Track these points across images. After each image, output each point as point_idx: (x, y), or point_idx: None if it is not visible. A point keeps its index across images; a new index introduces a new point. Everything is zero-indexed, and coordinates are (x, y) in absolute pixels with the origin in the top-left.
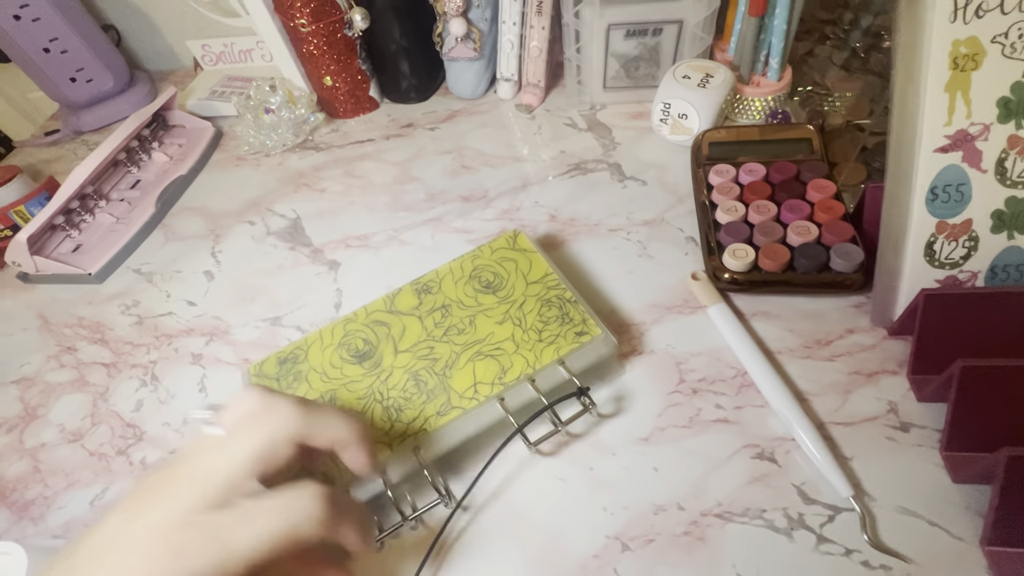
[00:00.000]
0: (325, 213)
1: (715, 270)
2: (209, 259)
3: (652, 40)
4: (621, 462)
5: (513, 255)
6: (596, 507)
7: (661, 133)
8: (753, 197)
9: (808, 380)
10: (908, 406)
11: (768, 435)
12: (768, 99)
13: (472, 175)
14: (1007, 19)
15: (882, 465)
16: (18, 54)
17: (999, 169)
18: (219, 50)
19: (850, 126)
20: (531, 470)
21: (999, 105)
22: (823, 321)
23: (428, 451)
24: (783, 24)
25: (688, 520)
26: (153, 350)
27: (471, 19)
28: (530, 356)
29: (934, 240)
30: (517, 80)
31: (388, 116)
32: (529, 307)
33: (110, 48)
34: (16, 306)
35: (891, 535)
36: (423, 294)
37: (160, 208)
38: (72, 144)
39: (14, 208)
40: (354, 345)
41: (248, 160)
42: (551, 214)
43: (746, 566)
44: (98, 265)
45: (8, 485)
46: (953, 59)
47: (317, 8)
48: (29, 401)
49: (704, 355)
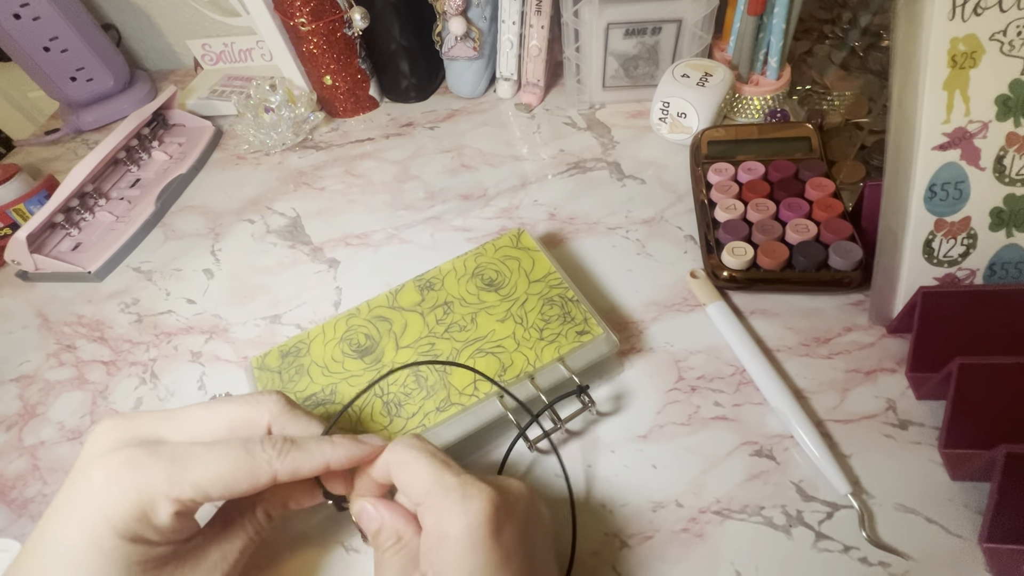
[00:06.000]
0: (325, 211)
1: (714, 268)
2: (209, 257)
3: (651, 39)
4: (620, 459)
5: (516, 253)
6: (595, 504)
7: (660, 132)
8: (752, 195)
9: (807, 378)
10: (906, 403)
11: (767, 432)
12: (767, 98)
13: (472, 174)
14: (1006, 16)
15: (880, 462)
16: (18, 53)
17: (998, 167)
18: (219, 49)
19: (849, 124)
20: (530, 468)
21: (998, 103)
22: (822, 319)
23: None
24: (782, 23)
25: (687, 517)
26: (152, 348)
27: (470, 18)
28: (531, 354)
29: (932, 238)
30: (516, 79)
31: (388, 115)
32: (531, 305)
33: (110, 47)
34: (15, 304)
35: (889, 532)
36: (426, 290)
37: (160, 206)
38: (72, 143)
39: (14, 206)
40: (356, 340)
41: (248, 159)
42: (550, 212)
43: (744, 563)
44: (98, 263)
45: (7, 483)
46: (952, 57)
47: (317, 7)
48: (28, 399)
49: (703, 353)
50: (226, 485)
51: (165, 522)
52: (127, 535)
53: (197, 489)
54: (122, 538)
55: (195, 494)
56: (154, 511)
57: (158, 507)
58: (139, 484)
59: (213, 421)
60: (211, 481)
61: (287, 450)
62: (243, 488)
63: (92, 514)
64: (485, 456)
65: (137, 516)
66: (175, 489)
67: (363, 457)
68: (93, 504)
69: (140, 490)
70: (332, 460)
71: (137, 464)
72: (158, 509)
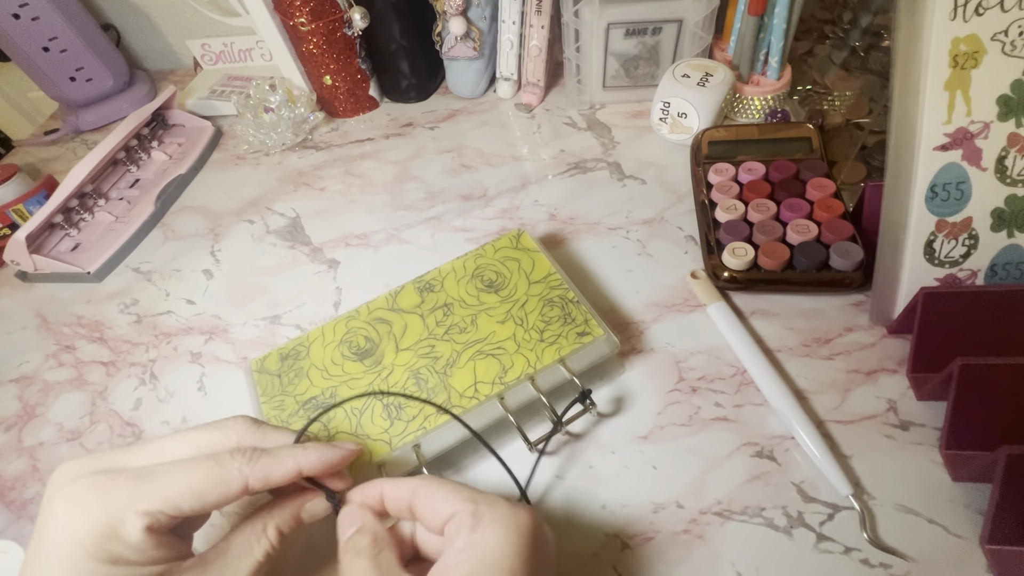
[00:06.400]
0: (324, 212)
1: (714, 269)
2: (208, 258)
3: (651, 39)
4: (620, 460)
5: (516, 254)
6: (595, 505)
7: (660, 132)
8: (752, 196)
9: (807, 378)
10: (907, 404)
11: (767, 433)
12: (767, 98)
13: (472, 174)
14: (1007, 16)
15: (881, 463)
16: (17, 53)
17: (999, 167)
18: (219, 49)
19: (849, 125)
20: (529, 469)
21: (999, 103)
22: (822, 319)
23: (427, 449)
24: (782, 23)
25: (687, 518)
26: (152, 349)
27: (471, 18)
28: (531, 356)
29: (934, 238)
30: (517, 79)
31: (388, 115)
32: (531, 307)
33: (110, 47)
34: (14, 305)
35: (891, 533)
36: (425, 292)
37: (159, 207)
38: (71, 143)
39: (13, 207)
40: (356, 342)
41: (248, 159)
42: (551, 213)
43: (745, 564)
44: (97, 264)
45: (6, 484)
46: (953, 57)
47: (316, 7)
48: (28, 400)
49: (703, 353)
50: (197, 496)
51: (137, 537)
52: (102, 557)
53: (166, 501)
54: (98, 560)
55: (164, 506)
56: (123, 527)
57: (127, 522)
58: (104, 503)
59: (178, 449)
60: (180, 492)
61: (256, 457)
62: (214, 498)
63: (62, 543)
64: (484, 457)
65: (107, 534)
66: (142, 503)
67: (337, 461)
68: (60, 533)
69: (105, 508)
70: (304, 464)
71: (98, 486)
72: (127, 524)
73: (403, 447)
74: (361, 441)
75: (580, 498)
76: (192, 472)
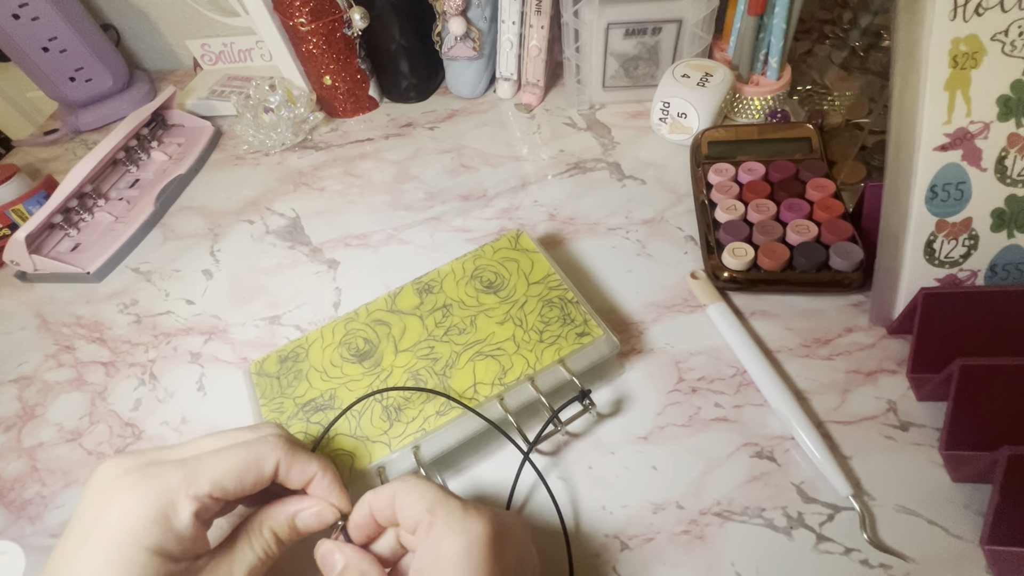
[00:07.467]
0: (324, 212)
1: (714, 269)
2: (208, 258)
3: (651, 39)
4: (620, 461)
5: (515, 255)
6: (595, 506)
7: (660, 132)
8: (752, 196)
9: (807, 379)
10: (907, 405)
11: (767, 434)
12: (767, 98)
13: (471, 174)
14: (1007, 17)
15: (881, 464)
16: (17, 53)
17: (999, 167)
18: (218, 49)
19: (849, 125)
20: (530, 470)
21: (999, 103)
22: (822, 320)
23: (427, 451)
24: (782, 23)
25: (687, 519)
26: (152, 349)
27: (470, 18)
28: (531, 356)
29: (934, 239)
30: (516, 79)
31: (387, 115)
32: (530, 307)
33: (109, 47)
34: (14, 305)
35: (890, 534)
36: (424, 293)
37: (159, 207)
38: (71, 143)
39: (12, 207)
40: (355, 344)
41: (247, 159)
42: (550, 213)
43: (745, 565)
44: (97, 264)
45: (6, 484)
46: (953, 57)
47: (316, 7)
48: (27, 400)
49: (703, 354)
50: (239, 478)
51: (186, 523)
52: (150, 544)
53: (213, 483)
54: (145, 548)
55: (212, 488)
56: (175, 511)
57: (179, 506)
58: (158, 490)
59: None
60: (224, 474)
61: (286, 444)
62: (252, 479)
63: (118, 532)
64: (483, 458)
65: (158, 520)
66: (192, 487)
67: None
68: (114, 521)
69: (159, 495)
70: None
71: (152, 475)
72: (179, 508)
73: (402, 449)
74: (360, 442)
75: (580, 499)
76: (233, 456)
